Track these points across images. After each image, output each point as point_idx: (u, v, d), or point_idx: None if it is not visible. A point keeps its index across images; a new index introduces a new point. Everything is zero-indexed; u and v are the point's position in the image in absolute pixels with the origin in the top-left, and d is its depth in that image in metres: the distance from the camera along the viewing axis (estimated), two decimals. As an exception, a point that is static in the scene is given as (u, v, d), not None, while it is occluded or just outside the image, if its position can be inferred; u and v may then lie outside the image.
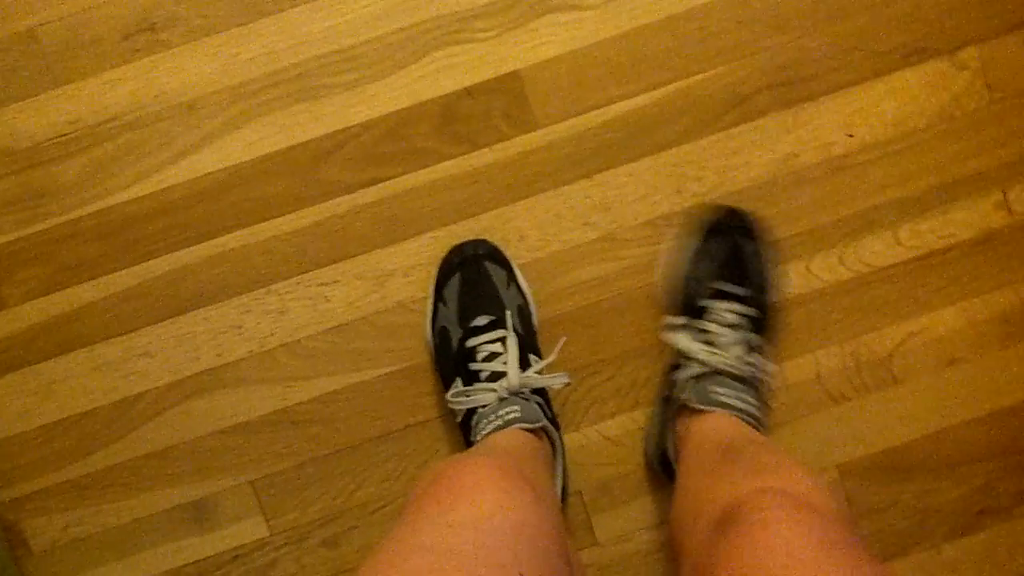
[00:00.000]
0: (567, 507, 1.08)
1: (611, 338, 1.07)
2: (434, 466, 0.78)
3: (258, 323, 1.05)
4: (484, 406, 0.95)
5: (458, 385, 0.98)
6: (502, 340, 0.98)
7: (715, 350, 0.94)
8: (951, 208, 1.06)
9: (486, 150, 1.04)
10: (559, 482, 0.98)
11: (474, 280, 1.01)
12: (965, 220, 1.06)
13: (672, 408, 0.96)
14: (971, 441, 1.09)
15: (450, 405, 0.98)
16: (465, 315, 1.00)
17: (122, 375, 1.06)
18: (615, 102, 1.03)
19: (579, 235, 1.05)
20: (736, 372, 0.93)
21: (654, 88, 1.03)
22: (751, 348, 0.95)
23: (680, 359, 0.97)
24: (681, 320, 0.97)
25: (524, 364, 0.97)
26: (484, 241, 1.03)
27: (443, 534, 0.64)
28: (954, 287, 1.07)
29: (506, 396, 0.94)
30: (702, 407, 0.91)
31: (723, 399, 0.91)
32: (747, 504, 0.68)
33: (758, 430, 0.92)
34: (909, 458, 1.09)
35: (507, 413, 0.92)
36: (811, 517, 0.66)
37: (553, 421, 0.99)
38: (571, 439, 1.08)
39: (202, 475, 1.07)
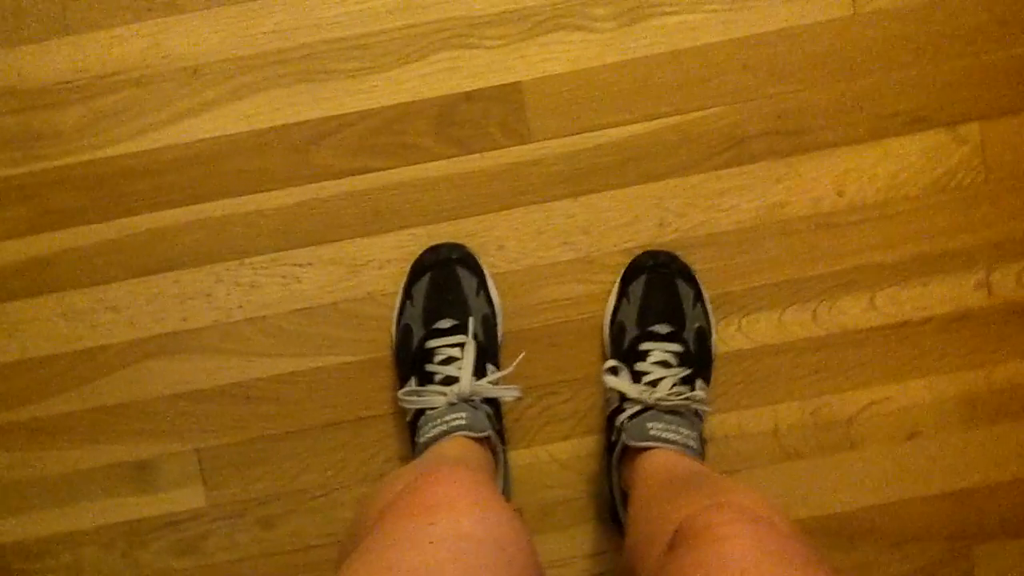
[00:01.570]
0: (506, 523, 1.07)
1: (575, 360, 1.06)
2: (396, 477, 0.77)
3: (228, 294, 1.06)
4: (433, 408, 0.94)
5: (412, 384, 0.98)
6: (461, 346, 0.97)
7: (648, 388, 0.94)
8: (931, 281, 1.05)
9: (478, 156, 1.04)
10: (499, 495, 0.98)
11: (443, 283, 1.01)
12: (944, 295, 1.05)
13: (615, 452, 0.96)
14: (920, 519, 1.08)
15: (400, 403, 0.97)
16: (429, 316, 1.00)
17: (87, 325, 1.06)
18: (611, 127, 1.04)
19: (557, 253, 1.05)
20: (669, 406, 0.92)
21: (651, 119, 1.04)
22: (685, 383, 0.95)
23: (619, 402, 0.97)
24: (617, 363, 0.97)
25: (480, 373, 0.97)
26: (460, 246, 1.03)
27: (424, 551, 0.61)
28: (924, 361, 1.06)
29: (456, 402, 0.94)
30: (639, 443, 0.91)
31: (658, 433, 0.90)
32: (699, 520, 0.66)
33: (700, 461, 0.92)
34: (855, 527, 1.08)
35: (453, 419, 0.92)
36: (764, 530, 0.64)
37: (500, 434, 0.98)
38: (520, 456, 1.07)
39: (150, 436, 1.07)
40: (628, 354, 0.99)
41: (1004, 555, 1.09)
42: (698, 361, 0.99)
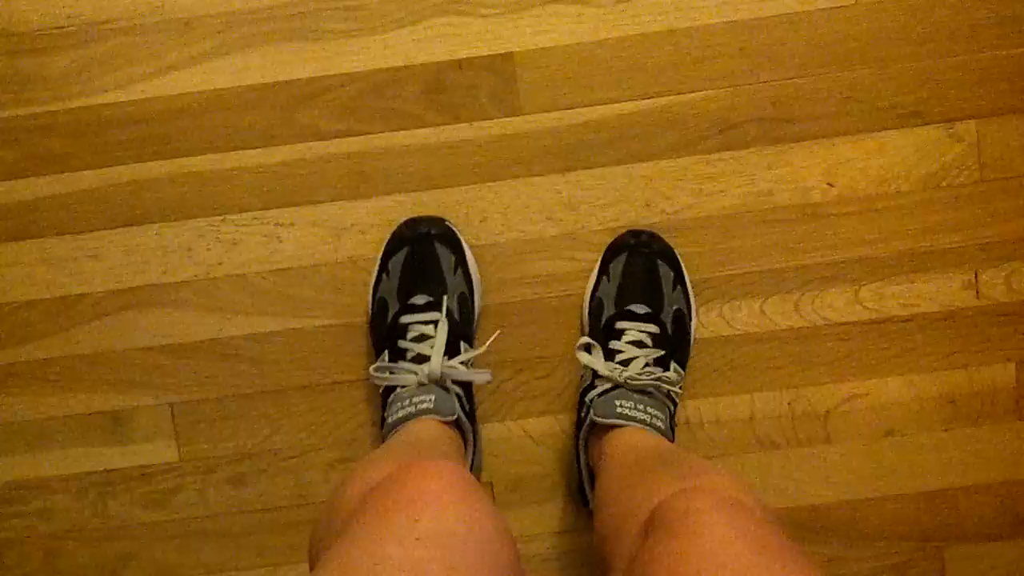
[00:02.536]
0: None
1: (553, 337, 1.06)
2: (372, 466, 0.76)
3: (209, 249, 1.05)
4: (403, 387, 0.94)
5: (384, 359, 0.97)
6: (435, 323, 0.96)
7: (620, 366, 0.93)
8: (918, 278, 1.04)
9: (466, 125, 1.03)
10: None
11: (420, 258, 1.00)
12: (931, 293, 1.04)
13: (583, 429, 0.96)
14: (893, 518, 1.07)
15: (372, 379, 0.97)
16: (404, 291, 0.99)
17: (67, 273, 1.06)
18: (602, 104, 1.02)
19: (541, 228, 1.04)
20: (639, 385, 0.92)
21: (644, 98, 1.02)
22: (658, 364, 0.95)
23: (591, 379, 0.96)
24: (590, 340, 0.96)
25: (453, 351, 0.96)
26: (441, 221, 1.02)
27: (410, 548, 0.60)
28: (906, 358, 1.05)
29: (426, 382, 0.93)
30: (605, 420, 0.90)
31: (626, 411, 0.90)
32: (676, 505, 0.66)
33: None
34: (827, 520, 1.07)
35: (420, 401, 0.91)
36: (742, 517, 0.64)
37: (471, 415, 0.97)
38: (494, 429, 1.07)
39: (125, 388, 1.07)
40: (604, 332, 0.98)
41: (976, 558, 1.08)
42: (674, 343, 0.98)
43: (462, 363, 0.95)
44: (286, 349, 1.06)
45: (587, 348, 0.96)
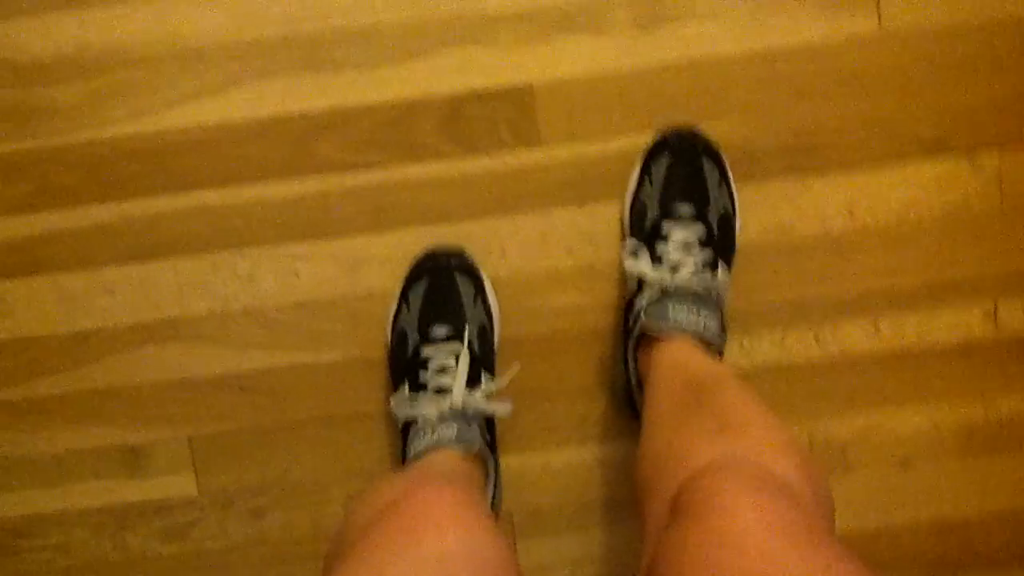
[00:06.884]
0: (495, 526, 1.07)
1: (572, 369, 1.05)
2: (384, 487, 0.75)
3: (225, 284, 1.04)
4: (424, 419, 0.93)
5: (405, 391, 0.96)
6: (456, 355, 0.96)
7: (669, 271, 0.92)
8: (937, 309, 1.04)
9: (485, 157, 1.02)
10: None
11: (441, 289, 0.99)
12: (949, 324, 1.04)
13: (632, 337, 0.94)
14: (908, 547, 1.08)
15: (392, 411, 0.96)
16: (424, 322, 0.99)
17: (81, 308, 1.05)
18: (621, 135, 1.01)
19: (560, 261, 1.04)
20: (691, 289, 0.90)
21: (663, 129, 1.02)
22: (706, 265, 0.93)
23: (638, 285, 0.94)
24: (637, 244, 0.95)
25: (474, 382, 0.95)
26: (460, 251, 1.01)
27: (408, 571, 0.62)
28: (924, 389, 1.05)
29: (447, 414, 0.92)
30: (658, 328, 0.89)
31: (679, 319, 0.89)
32: (701, 486, 0.65)
33: (720, 350, 0.91)
34: (845, 548, 1.07)
35: (443, 432, 0.91)
36: (770, 499, 0.63)
37: (492, 445, 0.97)
38: (514, 461, 1.06)
39: (142, 422, 1.06)
40: (649, 235, 0.96)
41: (988, 584, 1.09)
42: (721, 244, 0.97)
43: (483, 394, 0.94)
44: (304, 383, 1.06)
45: (634, 253, 0.95)
